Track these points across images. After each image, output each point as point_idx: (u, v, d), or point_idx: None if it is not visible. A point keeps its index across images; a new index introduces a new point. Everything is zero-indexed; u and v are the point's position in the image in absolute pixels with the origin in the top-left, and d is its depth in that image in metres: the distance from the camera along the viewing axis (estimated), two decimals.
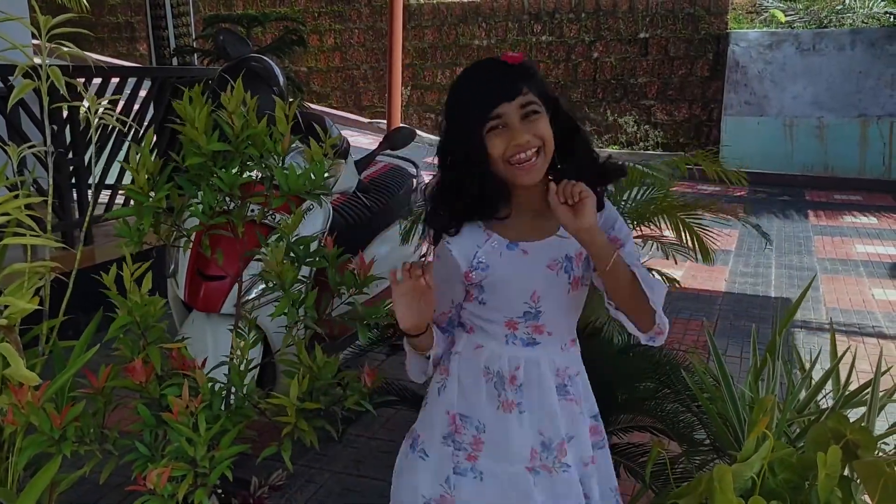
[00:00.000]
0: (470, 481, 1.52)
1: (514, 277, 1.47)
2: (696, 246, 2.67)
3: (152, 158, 2.04)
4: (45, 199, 2.09)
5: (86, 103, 2.08)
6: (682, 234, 2.67)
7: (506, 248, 1.47)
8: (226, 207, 2.14)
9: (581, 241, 1.39)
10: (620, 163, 1.58)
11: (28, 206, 1.91)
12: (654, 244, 2.79)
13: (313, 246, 2.15)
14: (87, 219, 2.47)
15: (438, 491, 1.53)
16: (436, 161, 1.52)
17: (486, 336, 1.54)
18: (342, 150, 3.01)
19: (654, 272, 2.76)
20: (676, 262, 2.84)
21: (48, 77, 2.01)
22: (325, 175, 2.06)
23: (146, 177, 2.02)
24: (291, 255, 2.10)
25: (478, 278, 1.49)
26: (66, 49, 2.13)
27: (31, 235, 1.76)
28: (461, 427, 1.54)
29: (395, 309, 1.41)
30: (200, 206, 2.07)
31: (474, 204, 1.46)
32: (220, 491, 2.17)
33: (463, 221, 1.49)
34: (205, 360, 2.03)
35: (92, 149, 2.35)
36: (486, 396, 1.52)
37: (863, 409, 1.88)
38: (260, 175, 2.16)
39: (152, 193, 2.03)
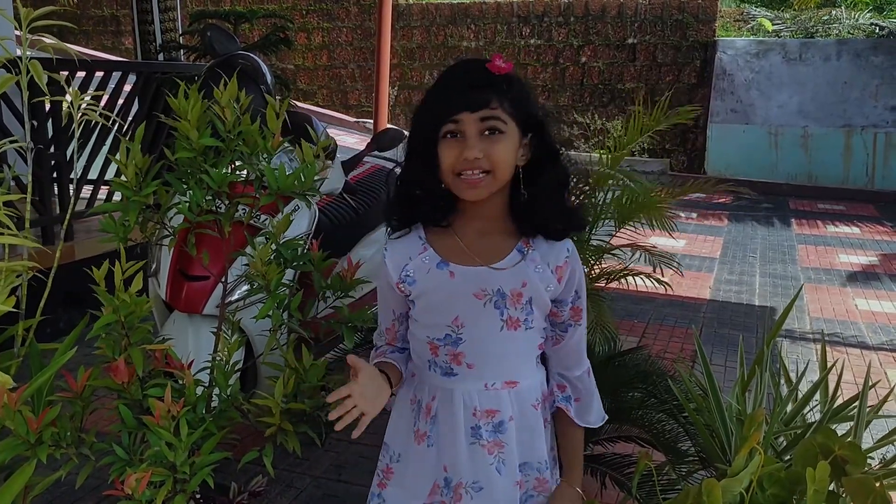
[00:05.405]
0: None
1: (438, 296, 1.41)
2: (659, 226, 2.73)
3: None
4: (24, 196, 2.04)
5: (68, 98, 2.04)
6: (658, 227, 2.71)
7: (435, 267, 1.41)
8: (213, 207, 2.10)
9: None
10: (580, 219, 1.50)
11: (7, 203, 1.87)
12: (642, 254, 2.78)
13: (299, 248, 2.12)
14: (68, 214, 2.42)
15: None
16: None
17: (418, 361, 1.50)
18: (330, 151, 2.98)
19: (642, 276, 2.75)
20: (663, 274, 2.83)
21: (28, 71, 1.96)
22: (315, 177, 2.03)
23: (135, 172, 1.98)
24: (279, 257, 2.06)
25: (406, 291, 1.44)
26: (47, 41, 2.08)
27: (8, 234, 1.72)
28: (383, 454, 1.56)
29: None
30: (188, 204, 2.04)
31: (418, 206, 1.42)
32: (199, 496, 2.14)
33: (410, 223, 1.45)
34: (191, 362, 2.00)
35: (74, 143, 2.30)
36: (405, 425, 1.51)
37: (849, 424, 1.87)
38: (248, 175, 2.12)
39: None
